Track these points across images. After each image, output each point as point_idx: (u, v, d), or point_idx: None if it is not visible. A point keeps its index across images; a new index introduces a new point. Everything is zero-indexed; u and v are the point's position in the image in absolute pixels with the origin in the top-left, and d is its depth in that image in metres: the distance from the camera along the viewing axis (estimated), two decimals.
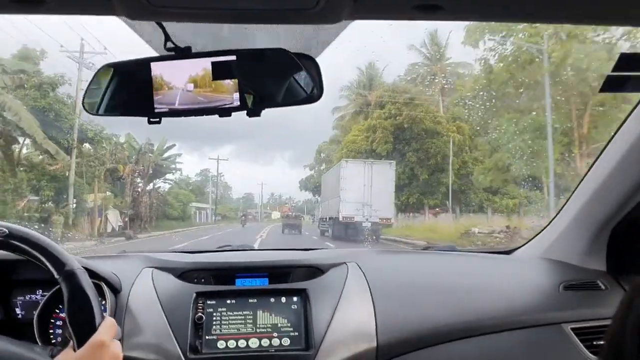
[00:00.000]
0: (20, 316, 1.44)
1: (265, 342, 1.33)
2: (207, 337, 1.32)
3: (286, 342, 1.33)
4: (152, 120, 1.05)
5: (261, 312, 1.37)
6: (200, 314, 1.34)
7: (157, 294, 1.37)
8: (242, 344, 1.32)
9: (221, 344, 1.32)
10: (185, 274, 1.48)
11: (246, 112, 1.03)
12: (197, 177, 42.99)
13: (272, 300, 1.40)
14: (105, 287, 1.31)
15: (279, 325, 1.36)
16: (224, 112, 1.03)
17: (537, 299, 1.49)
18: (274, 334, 1.34)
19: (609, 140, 1.44)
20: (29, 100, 16.80)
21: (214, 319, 1.35)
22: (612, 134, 1.43)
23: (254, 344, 1.32)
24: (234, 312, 1.37)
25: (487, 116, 18.92)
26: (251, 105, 1.02)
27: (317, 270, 1.53)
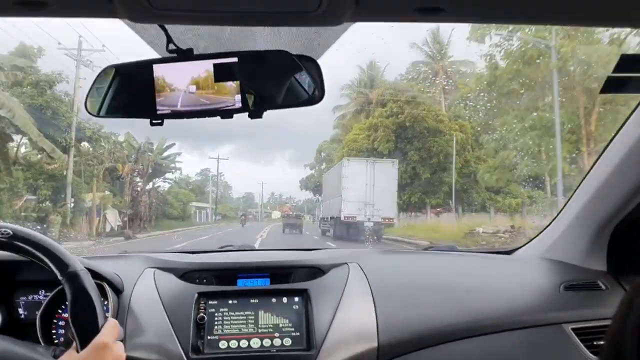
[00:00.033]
0: (22, 316, 1.45)
1: (266, 342, 1.34)
2: (209, 337, 1.34)
3: (288, 342, 1.35)
4: (154, 122, 1.06)
5: (263, 312, 1.39)
6: (202, 314, 1.36)
7: (159, 294, 1.39)
8: (243, 344, 1.34)
9: (223, 344, 1.34)
10: (187, 274, 1.50)
11: (248, 113, 1.04)
12: (197, 176, 43.01)
13: (274, 300, 1.41)
14: (107, 287, 1.33)
15: (281, 325, 1.37)
16: (226, 113, 1.04)
17: (538, 299, 1.51)
18: (275, 334, 1.36)
19: (609, 140, 1.45)
20: (26, 97, 16.68)
21: (216, 319, 1.37)
22: (613, 134, 1.44)
23: (255, 344, 1.34)
24: (236, 313, 1.38)
25: (493, 114, 18.59)
26: (253, 106, 1.03)
27: (318, 270, 1.54)
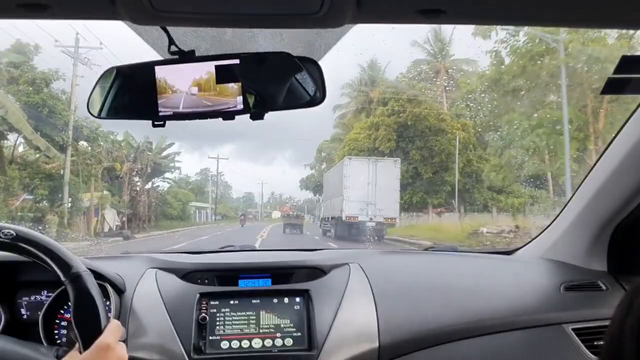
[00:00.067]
0: (25, 317, 1.47)
1: (268, 343, 1.36)
2: (210, 338, 1.36)
3: (289, 342, 1.37)
4: (156, 123, 1.07)
5: (264, 312, 1.41)
6: (203, 314, 1.38)
7: (161, 295, 1.41)
8: (245, 344, 1.36)
9: (225, 345, 1.35)
10: (188, 274, 1.52)
11: (250, 115, 1.05)
12: (197, 176, 43.02)
13: (275, 300, 1.43)
14: (109, 288, 1.35)
15: (282, 325, 1.39)
16: (228, 115, 1.05)
17: (539, 299, 1.53)
18: (277, 334, 1.38)
19: (610, 141, 1.47)
20: (22, 95, 16.59)
21: (218, 319, 1.39)
22: (614, 135, 1.46)
23: (257, 344, 1.36)
24: (237, 313, 1.40)
25: (498, 111, 18.35)
26: (254, 108, 1.04)
27: (319, 271, 1.56)
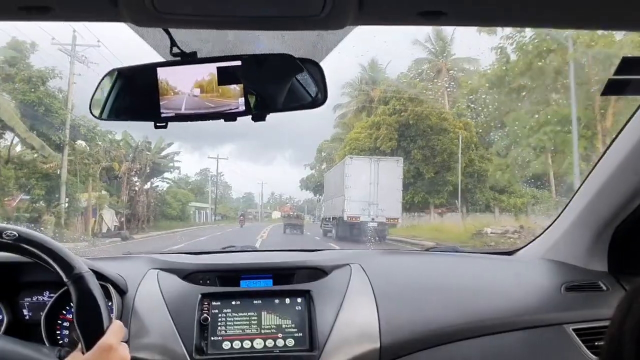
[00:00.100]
0: (27, 317, 1.49)
1: (270, 343, 1.38)
2: (212, 338, 1.38)
3: (291, 342, 1.38)
4: (158, 124, 1.09)
5: (266, 313, 1.43)
6: (205, 315, 1.39)
7: (162, 296, 1.43)
8: (247, 344, 1.38)
9: (226, 345, 1.37)
10: (190, 275, 1.54)
11: (251, 116, 1.07)
12: (197, 176, 43.00)
13: (277, 301, 1.45)
14: (111, 288, 1.36)
15: (284, 326, 1.41)
16: (230, 116, 1.06)
17: (539, 299, 1.54)
18: (278, 335, 1.39)
19: (611, 141, 1.49)
20: (18, 93, 16.50)
21: (219, 320, 1.41)
22: (615, 135, 1.48)
23: (258, 344, 1.38)
24: (239, 313, 1.42)
25: (503, 109, 18.12)
26: (256, 109, 1.06)
27: (320, 271, 1.58)
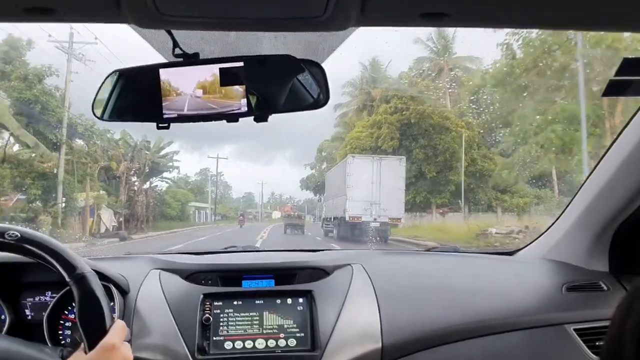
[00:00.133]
0: (29, 317, 1.50)
1: (271, 343, 1.40)
2: (214, 338, 1.39)
3: (292, 342, 1.40)
4: (160, 125, 1.10)
5: (267, 313, 1.44)
6: (207, 315, 1.41)
7: (164, 296, 1.45)
8: (248, 344, 1.40)
9: (228, 345, 1.39)
10: (192, 275, 1.55)
11: (254, 117, 1.08)
12: (197, 176, 43.08)
13: (278, 301, 1.47)
14: (113, 288, 1.38)
15: (285, 326, 1.43)
16: (232, 117, 1.08)
17: (540, 299, 1.56)
18: (280, 335, 1.41)
19: (612, 142, 1.50)
20: (14, 91, 16.41)
21: (221, 320, 1.42)
22: (616, 135, 1.49)
23: (260, 344, 1.40)
24: (241, 313, 1.44)
25: (509, 106, 17.90)
26: (258, 110, 1.07)
27: (322, 271, 1.60)
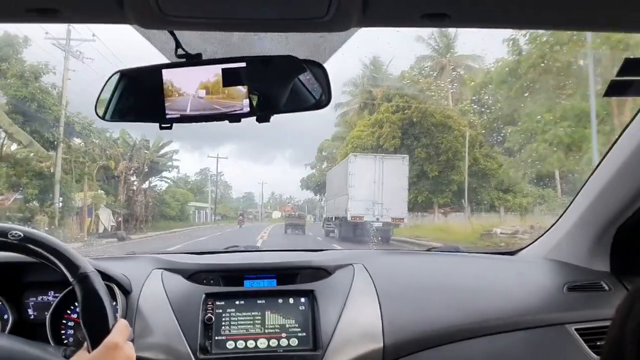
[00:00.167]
0: (32, 317, 1.52)
1: (273, 343, 1.42)
2: (216, 338, 1.41)
3: (294, 342, 1.42)
4: (163, 126, 1.12)
5: (269, 312, 1.46)
6: (209, 314, 1.43)
7: (167, 295, 1.46)
8: (250, 344, 1.41)
9: (230, 345, 1.41)
10: (194, 275, 1.57)
11: (256, 118, 1.10)
12: (197, 176, 43.28)
13: (280, 301, 1.49)
14: (116, 288, 1.40)
15: (287, 325, 1.45)
16: (234, 118, 1.09)
17: (542, 299, 1.58)
18: (282, 335, 1.43)
19: (614, 141, 1.52)
20: (10, 89, 16.39)
21: (223, 319, 1.44)
22: (617, 135, 1.51)
23: (262, 344, 1.42)
24: (243, 313, 1.46)
25: (516, 103, 17.78)
26: (261, 111, 1.09)
27: (324, 271, 1.62)
